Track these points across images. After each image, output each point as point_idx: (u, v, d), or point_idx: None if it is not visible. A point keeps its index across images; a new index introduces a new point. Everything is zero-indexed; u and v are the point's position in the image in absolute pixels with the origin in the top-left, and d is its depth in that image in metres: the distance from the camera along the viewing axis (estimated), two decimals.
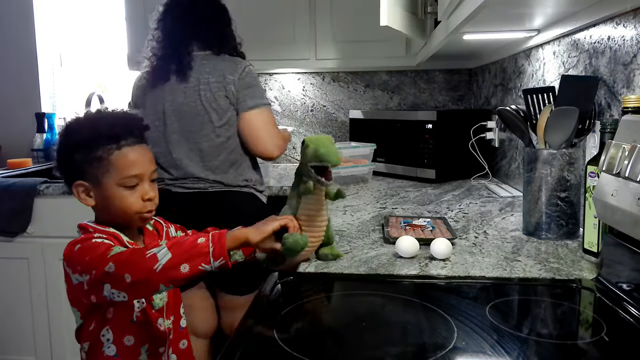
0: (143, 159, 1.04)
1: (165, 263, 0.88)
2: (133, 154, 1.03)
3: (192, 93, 1.72)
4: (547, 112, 1.25)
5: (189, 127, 1.72)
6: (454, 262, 1.10)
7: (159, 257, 0.88)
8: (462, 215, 1.56)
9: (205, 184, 1.73)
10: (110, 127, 1.02)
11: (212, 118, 1.72)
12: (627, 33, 1.13)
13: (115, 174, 1.01)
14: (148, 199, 1.04)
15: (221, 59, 1.77)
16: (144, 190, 1.04)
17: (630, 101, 0.95)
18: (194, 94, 1.72)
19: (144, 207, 1.04)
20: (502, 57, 2.11)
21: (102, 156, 1.01)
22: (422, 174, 2.20)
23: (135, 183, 1.03)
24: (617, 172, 0.87)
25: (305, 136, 1.07)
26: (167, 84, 1.75)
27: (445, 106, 2.81)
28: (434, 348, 0.72)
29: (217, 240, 0.92)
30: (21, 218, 2.18)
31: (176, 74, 1.74)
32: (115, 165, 1.01)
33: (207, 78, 1.72)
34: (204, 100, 1.71)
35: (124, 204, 1.02)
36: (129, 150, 1.02)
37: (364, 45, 2.46)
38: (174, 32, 1.78)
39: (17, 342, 2.27)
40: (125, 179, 1.01)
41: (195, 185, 1.73)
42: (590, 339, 0.81)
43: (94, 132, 1.02)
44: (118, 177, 1.01)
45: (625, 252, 0.88)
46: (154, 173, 1.07)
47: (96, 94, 2.74)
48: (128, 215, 1.04)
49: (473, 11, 1.12)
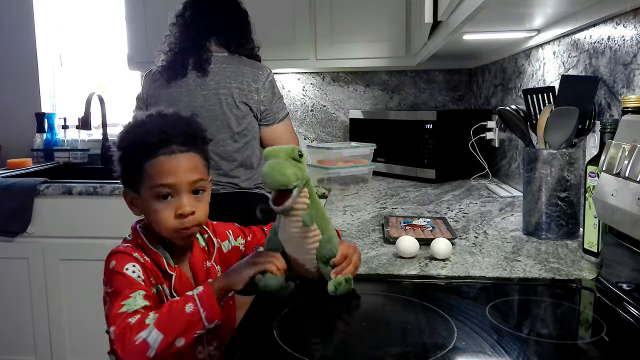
0: (180, 168, 0.93)
1: (158, 346, 0.79)
2: (170, 163, 0.92)
3: (211, 96, 1.72)
4: (547, 112, 1.25)
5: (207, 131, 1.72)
6: (454, 262, 1.10)
7: (150, 342, 0.79)
8: (462, 215, 1.56)
9: (218, 186, 1.74)
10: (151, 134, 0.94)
11: (232, 124, 1.72)
12: (627, 33, 1.13)
13: (148, 182, 0.93)
14: (181, 214, 0.92)
15: (243, 63, 1.77)
16: (178, 203, 0.93)
17: (630, 101, 0.95)
18: (214, 97, 1.71)
19: (180, 223, 0.93)
20: (502, 57, 2.11)
21: (139, 164, 0.93)
22: (422, 174, 2.20)
23: (167, 193, 0.93)
24: (617, 172, 0.87)
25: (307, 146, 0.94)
26: (185, 83, 1.74)
27: (445, 106, 2.80)
28: (434, 348, 0.72)
29: (207, 302, 0.84)
30: (21, 218, 2.18)
31: (195, 70, 1.73)
32: (148, 173, 0.93)
33: (229, 83, 1.72)
34: (224, 105, 1.71)
35: (157, 218, 0.93)
36: (166, 159, 0.92)
37: (364, 45, 2.46)
38: (193, 26, 1.77)
39: (17, 342, 2.27)
40: (155, 189, 0.92)
41: None
42: (590, 339, 0.81)
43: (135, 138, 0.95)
44: (149, 187, 0.93)
45: (625, 252, 0.88)
46: (197, 183, 0.95)
47: (96, 94, 2.74)
48: (163, 232, 0.95)
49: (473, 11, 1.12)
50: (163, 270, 0.95)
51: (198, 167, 0.96)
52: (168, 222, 0.93)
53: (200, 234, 1.05)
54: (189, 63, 1.74)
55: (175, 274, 0.96)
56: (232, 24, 1.81)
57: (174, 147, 0.93)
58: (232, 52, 1.79)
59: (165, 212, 0.93)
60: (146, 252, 0.95)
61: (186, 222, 0.93)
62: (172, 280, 0.95)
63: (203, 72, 1.72)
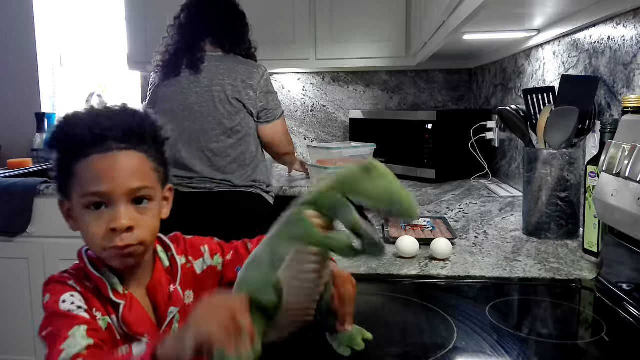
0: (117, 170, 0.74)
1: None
2: (103, 163, 0.74)
3: (204, 93, 1.73)
4: (547, 112, 1.25)
5: (200, 127, 1.73)
6: (454, 262, 1.10)
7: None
8: (462, 215, 1.55)
9: (212, 184, 1.74)
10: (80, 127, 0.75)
11: (224, 120, 1.73)
12: (627, 33, 1.13)
13: (78, 189, 0.75)
14: (114, 228, 0.73)
15: (237, 61, 1.79)
16: (112, 214, 0.74)
17: (630, 101, 0.95)
18: (206, 94, 1.73)
19: (111, 240, 0.74)
20: (502, 57, 2.11)
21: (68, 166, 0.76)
22: (422, 174, 2.20)
23: (99, 202, 0.74)
24: (617, 172, 0.87)
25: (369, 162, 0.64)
26: (178, 82, 1.76)
27: (445, 106, 2.80)
28: (434, 348, 0.72)
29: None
30: (21, 218, 2.18)
31: (188, 68, 1.75)
32: (78, 177, 0.75)
33: (222, 80, 1.74)
34: (217, 102, 1.72)
35: (86, 233, 0.76)
36: (98, 159, 0.74)
37: (364, 45, 2.46)
38: (188, 27, 1.80)
39: (17, 342, 2.27)
40: (85, 197, 0.74)
41: (202, 185, 1.74)
42: (590, 339, 0.81)
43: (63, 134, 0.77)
44: (79, 194, 0.75)
45: (625, 252, 0.88)
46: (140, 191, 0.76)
47: (96, 93, 2.74)
48: (95, 251, 0.77)
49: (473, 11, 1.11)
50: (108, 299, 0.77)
51: (142, 170, 0.77)
52: (97, 238, 0.74)
53: (164, 251, 0.87)
54: (182, 62, 1.76)
55: (125, 302, 0.78)
56: (228, 25, 1.83)
57: (110, 143, 0.74)
58: (227, 52, 1.80)
59: (95, 225, 0.74)
60: (88, 278, 0.78)
61: (119, 240, 0.74)
62: (119, 310, 0.77)
63: (196, 70, 1.75)
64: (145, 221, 0.76)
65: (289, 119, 2.89)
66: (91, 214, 0.74)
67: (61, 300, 0.73)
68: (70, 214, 0.78)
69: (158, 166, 0.80)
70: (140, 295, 0.81)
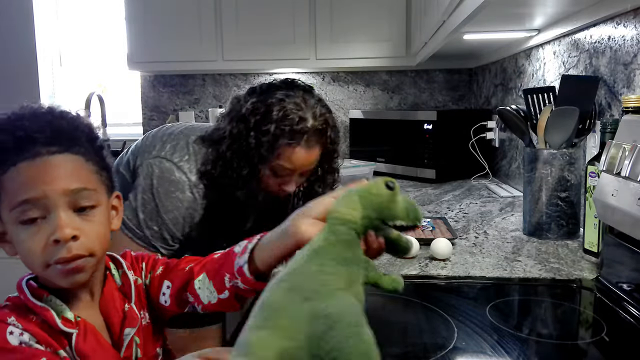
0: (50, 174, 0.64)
1: None
2: (33, 170, 0.63)
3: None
4: (548, 112, 1.25)
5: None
6: (454, 262, 1.10)
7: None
8: (462, 215, 1.55)
9: None
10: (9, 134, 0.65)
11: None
12: (627, 33, 1.13)
13: (7, 202, 0.64)
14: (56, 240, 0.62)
15: None
16: (51, 225, 0.63)
17: (630, 101, 0.95)
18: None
19: (53, 253, 0.63)
20: (502, 57, 2.10)
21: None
22: (422, 174, 2.20)
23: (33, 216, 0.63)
24: (618, 172, 0.87)
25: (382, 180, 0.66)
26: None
27: (445, 106, 2.80)
28: (434, 348, 0.72)
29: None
30: None
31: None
32: (5, 189, 0.64)
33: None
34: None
35: (24, 252, 0.65)
36: (27, 166, 0.64)
37: (363, 45, 2.46)
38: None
39: None
40: (16, 209, 0.63)
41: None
42: (590, 339, 0.81)
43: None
44: (10, 207, 0.64)
45: (626, 252, 0.88)
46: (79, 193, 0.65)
47: (96, 94, 2.74)
48: (36, 271, 0.67)
49: (473, 11, 1.12)
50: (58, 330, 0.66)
51: (79, 172, 0.67)
52: (37, 255, 0.63)
53: (115, 268, 0.76)
54: None
55: (77, 331, 0.67)
56: None
57: (39, 147, 0.64)
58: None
59: (33, 241, 0.63)
60: (31, 311, 0.67)
61: (65, 250, 0.63)
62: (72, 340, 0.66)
63: None
64: (91, 229, 0.66)
65: None
66: (26, 229, 0.64)
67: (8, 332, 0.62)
68: (4, 237, 0.67)
69: (99, 169, 0.70)
70: (93, 317, 0.71)
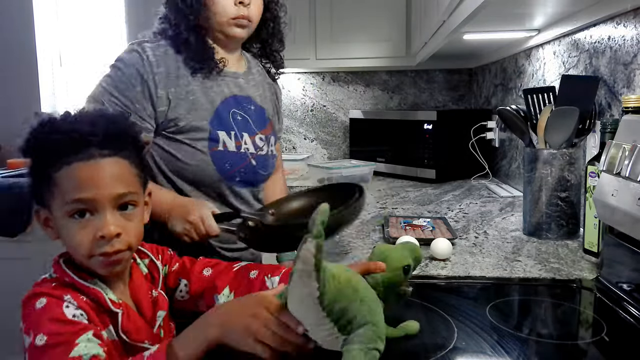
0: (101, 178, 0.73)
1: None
2: (86, 171, 0.72)
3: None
4: (548, 112, 1.25)
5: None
6: (454, 262, 1.10)
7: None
8: (462, 215, 1.55)
9: None
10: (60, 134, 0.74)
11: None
12: (627, 33, 1.13)
13: (60, 198, 0.73)
14: (103, 236, 0.72)
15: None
16: (99, 222, 0.72)
17: (630, 101, 0.95)
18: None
19: (98, 247, 0.72)
20: (502, 57, 2.11)
21: (48, 174, 0.73)
22: (422, 174, 2.20)
23: (84, 210, 0.72)
24: (618, 172, 0.87)
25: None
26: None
27: (445, 106, 2.80)
28: (434, 348, 0.72)
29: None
30: (21, 218, 2.17)
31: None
32: (59, 186, 0.72)
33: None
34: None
35: (71, 242, 0.74)
36: (81, 167, 0.72)
37: (364, 45, 2.46)
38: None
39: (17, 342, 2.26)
40: (68, 205, 0.72)
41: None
42: (590, 339, 0.81)
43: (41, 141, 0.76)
44: (62, 203, 0.73)
45: (626, 252, 0.88)
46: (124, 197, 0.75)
47: None
48: (80, 260, 0.75)
49: (473, 11, 1.12)
50: (106, 309, 0.75)
51: (126, 177, 0.76)
52: (83, 247, 0.73)
53: (140, 258, 0.87)
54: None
55: (122, 311, 0.77)
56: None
57: (92, 150, 0.73)
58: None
59: (82, 234, 0.72)
60: (80, 291, 0.75)
61: (108, 246, 0.73)
62: (118, 319, 0.76)
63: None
64: (131, 227, 0.76)
65: (290, 119, 2.89)
66: (75, 222, 0.73)
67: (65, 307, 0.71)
68: (49, 223, 0.77)
69: (140, 172, 0.79)
70: (126, 300, 0.80)
